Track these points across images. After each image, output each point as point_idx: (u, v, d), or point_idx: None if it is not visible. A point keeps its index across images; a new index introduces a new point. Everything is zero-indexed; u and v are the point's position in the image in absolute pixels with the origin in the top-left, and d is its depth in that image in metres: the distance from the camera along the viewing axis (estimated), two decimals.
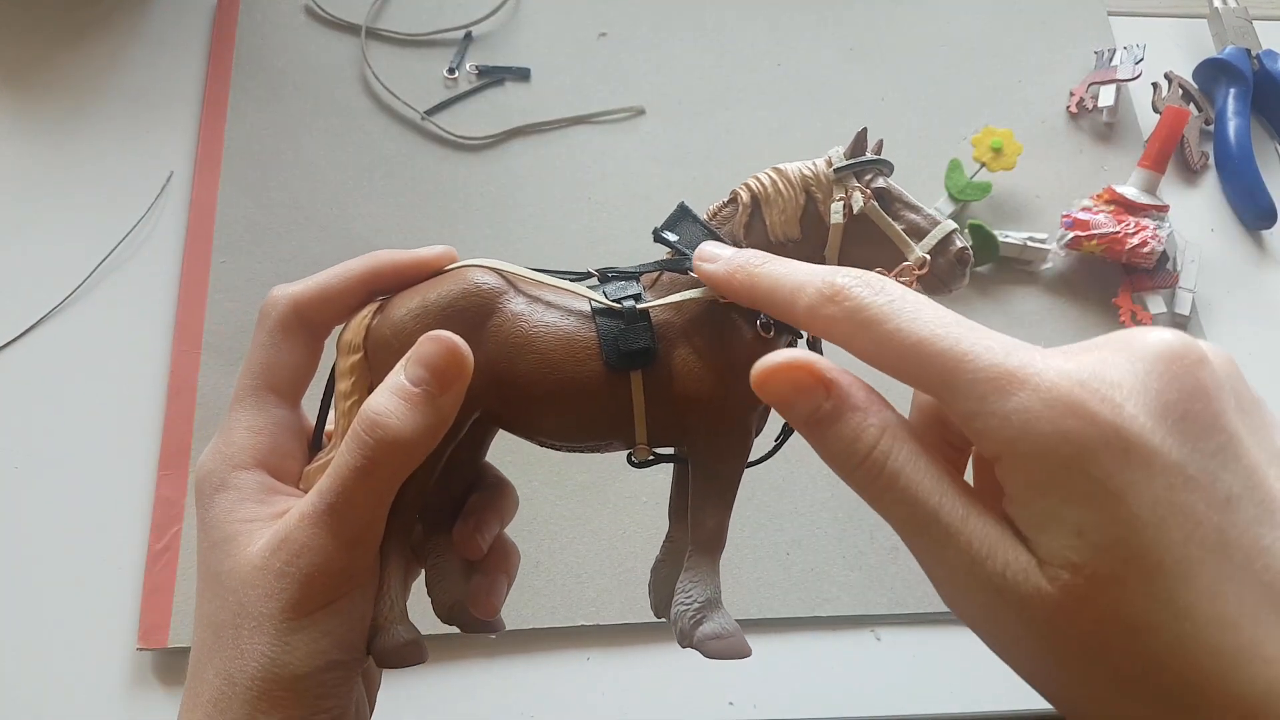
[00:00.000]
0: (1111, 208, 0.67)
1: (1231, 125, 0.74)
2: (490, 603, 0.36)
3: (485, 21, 0.75)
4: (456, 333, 0.31)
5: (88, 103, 0.70)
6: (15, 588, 0.54)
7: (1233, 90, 0.75)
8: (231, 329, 0.62)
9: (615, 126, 0.72)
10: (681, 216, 0.34)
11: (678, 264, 0.33)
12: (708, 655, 0.32)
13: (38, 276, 0.63)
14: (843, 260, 0.33)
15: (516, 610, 0.55)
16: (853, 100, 0.74)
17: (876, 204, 0.33)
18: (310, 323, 0.34)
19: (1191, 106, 0.75)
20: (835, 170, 0.33)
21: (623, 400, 0.32)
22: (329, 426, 0.36)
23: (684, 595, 0.33)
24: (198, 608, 0.33)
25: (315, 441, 0.35)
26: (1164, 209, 0.67)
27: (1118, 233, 0.65)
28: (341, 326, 0.34)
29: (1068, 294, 0.68)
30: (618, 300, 0.33)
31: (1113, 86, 0.74)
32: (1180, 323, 0.66)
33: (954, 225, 0.33)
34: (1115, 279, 0.68)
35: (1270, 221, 0.71)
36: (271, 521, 0.32)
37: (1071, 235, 0.66)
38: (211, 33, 0.73)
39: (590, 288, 0.34)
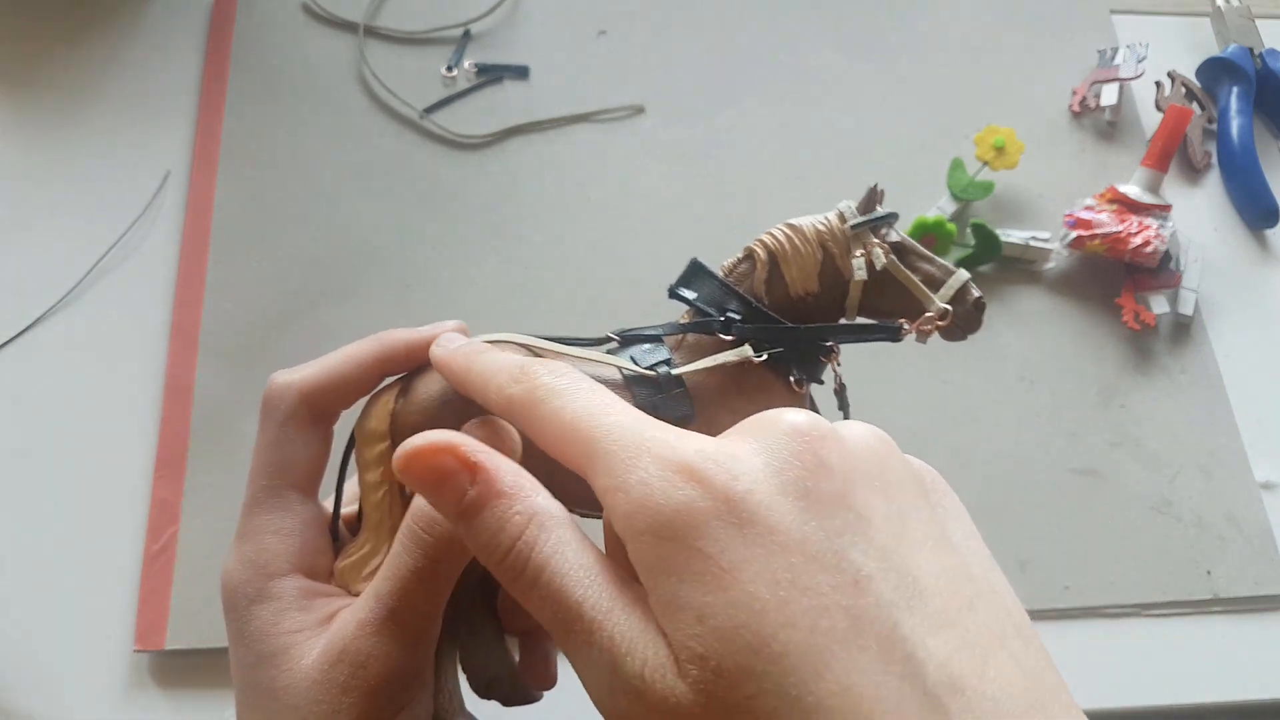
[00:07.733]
0: (1114, 207, 0.67)
1: (1234, 124, 0.73)
2: (549, 673, 0.35)
3: (484, 19, 0.75)
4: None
5: (84, 102, 0.69)
6: (11, 589, 0.54)
7: (1236, 89, 0.75)
8: (229, 330, 0.61)
9: (615, 125, 0.72)
10: (696, 273, 0.34)
11: (704, 325, 0.33)
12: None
13: (33, 277, 0.62)
14: (864, 312, 0.34)
15: None
16: (854, 98, 0.74)
17: (895, 258, 0.33)
18: (322, 412, 0.33)
19: (1194, 105, 0.75)
20: (852, 227, 0.34)
21: None
22: (345, 508, 0.34)
23: None
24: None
25: (333, 531, 0.34)
26: (1167, 208, 0.67)
27: (1120, 232, 0.65)
28: (362, 410, 0.33)
29: (1071, 293, 0.67)
30: (650, 367, 0.32)
31: (1115, 85, 0.74)
32: (1184, 322, 0.66)
33: (967, 274, 0.34)
34: (1118, 278, 0.67)
35: (1273, 221, 0.71)
36: (319, 628, 0.30)
37: (1074, 235, 0.66)
38: (208, 31, 0.72)
39: (610, 351, 0.33)
